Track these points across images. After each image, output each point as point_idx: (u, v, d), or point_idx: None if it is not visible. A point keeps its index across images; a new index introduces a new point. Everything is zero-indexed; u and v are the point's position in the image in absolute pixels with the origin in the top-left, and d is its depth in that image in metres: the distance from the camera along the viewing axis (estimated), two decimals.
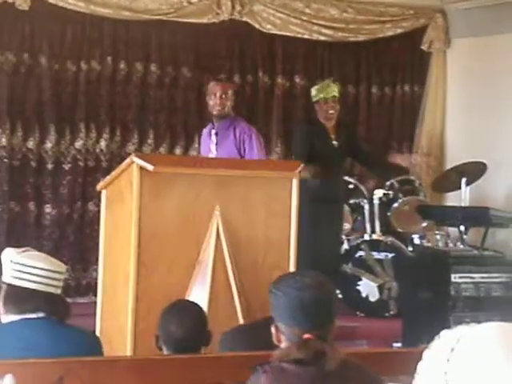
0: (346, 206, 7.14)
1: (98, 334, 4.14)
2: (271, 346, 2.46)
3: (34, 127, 7.19)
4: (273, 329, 2.45)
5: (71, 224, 7.33)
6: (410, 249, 7.11)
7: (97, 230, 5.35)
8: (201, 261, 4.34)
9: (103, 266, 4.63)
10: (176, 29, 7.56)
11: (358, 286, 7.01)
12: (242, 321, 4.24)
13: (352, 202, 7.31)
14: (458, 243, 6.40)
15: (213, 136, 5.79)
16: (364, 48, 8.18)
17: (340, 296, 6.73)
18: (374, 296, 6.98)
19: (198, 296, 4.17)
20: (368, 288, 6.99)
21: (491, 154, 7.37)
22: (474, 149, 7.64)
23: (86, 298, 7.17)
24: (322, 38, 7.96)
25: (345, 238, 7.17)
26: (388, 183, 7.38)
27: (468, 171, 6.97)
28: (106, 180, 4.65)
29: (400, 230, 7.37)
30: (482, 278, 5.65)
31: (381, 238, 7.14)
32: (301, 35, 7.89)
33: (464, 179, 6.89)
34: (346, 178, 7.17)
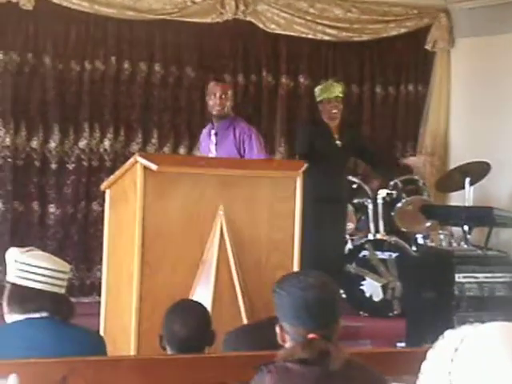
0: (350, 205, 7.13)
1: (101, 333, 4.14)
2: (275, 345, 2.46)
3: (38, 127, 7.19)
4: (277, 328, 2.45)
5: (75, 224, 7.33)
6: (413, 248, 7.10)
7: (101, 229, 5.38)
8: (205, 260, 4.34)
9: (107, 265, 4.64)
10: (180, 28, 7.56)
11: (361, 285, 7.00)
12: (245, 320, 4.24)
13: (356, 201, 7.30)
14: (462, 243, 6.39)
15: (212, 136, 5.78)
16: (368, 48, 8.17)
17: (344, 296, 6.71)
18: (377, 296, 6.98)
19: (202, 296, 4.17)
20: (372, 288, 6.99)
21: (495, 153, 7.36)
22: (477, 148, 7.63)
23: (89, 297, 7.17)
24: (326, 38, 7.95)
25: (348, 238, 7.16)
26: (392, 183, 7.37)
27: (472, 171, 6.96)
28: (109, 180, 4.66)
29: (404, 229, 7.36)
30: (486, 277, 5.65)
31: (384, 237, 7.14)
32: (305, 35, 7.88)
33: (468, 179, 6.89)
34: (349, 178, 7.17)
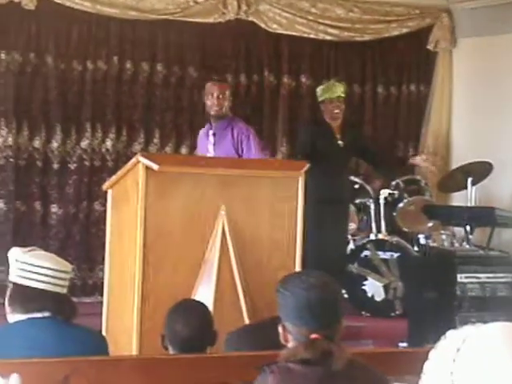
0: (352, 205, 7.13)
1: (104, 333, 4.14)
2: (278, 345, 2.46)
3: (40, 127, 7.19)
4: (280, 328, 2.45)
5: (77, 223, 7.33)
6: (415, 249, 7.10)
7: (103, 229, 5.38)
8: (206, 260, 4.34)
9: (109, 265, 4.64)
10: (182, 28, 7.56)
11: (363, 285, 7.00)
12: (247, 320, 4.24)
13: (358, 201, 7.30)
14: (464, 243, 6.39)
15: (210, 136, 5.77)
16: (370, 48, 8.17)
17: (346, 296, 6.71)
18: (379, 296, 6.98)
19: (204, 295, 4.17)
20: (374, 288, 6.98)
21: (497, 153, 7.35)
22: (479, 148, 7.62)
23: (92, 297, 7.17)
24: (328, 38, 7.95)
25: (350, 238, 7.16)
26: (394, 183, 7.37)
27: (474, 171, 6.95)
28: (111, 180, 4.66)
29: (406, 229, 7.36)
30: (488, 277, 5.64)
31: (386, 237, 7.13)
32: (307, 35, 7.88)
33: (470, 179, 6.88)
34: (351, 178, 7.17)
